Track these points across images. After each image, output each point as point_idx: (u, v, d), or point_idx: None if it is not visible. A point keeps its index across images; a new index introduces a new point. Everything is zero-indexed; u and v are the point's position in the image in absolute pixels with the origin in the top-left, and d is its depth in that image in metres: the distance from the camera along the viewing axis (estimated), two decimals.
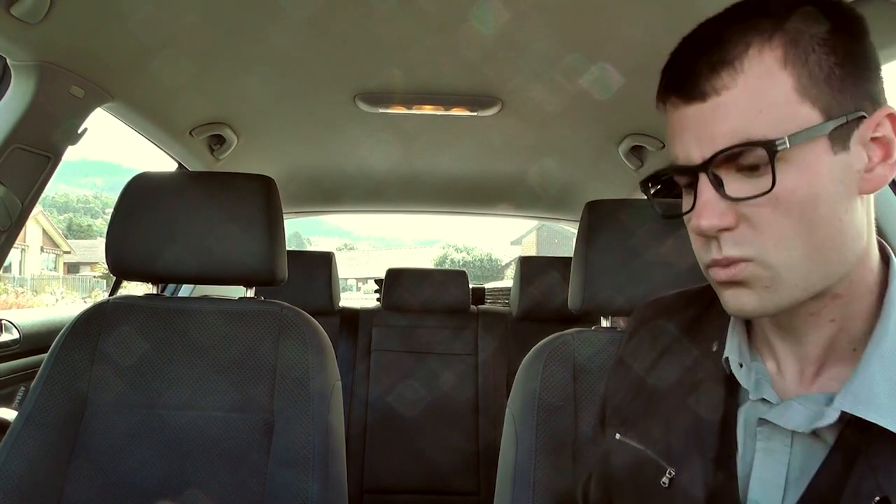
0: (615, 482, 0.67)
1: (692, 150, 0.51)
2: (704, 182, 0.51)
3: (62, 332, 1.10)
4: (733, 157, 0.49)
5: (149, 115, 1.52)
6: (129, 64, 1.26)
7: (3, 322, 1.49)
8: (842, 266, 0.51)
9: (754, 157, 0.49)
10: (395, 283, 2.32)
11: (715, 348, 0.61)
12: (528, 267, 2.23)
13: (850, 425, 0.50)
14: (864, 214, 0.52)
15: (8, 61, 1.13)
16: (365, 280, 31.97)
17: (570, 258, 1.11)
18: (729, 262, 0.51)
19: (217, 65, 1.34)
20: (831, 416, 0.50)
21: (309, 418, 1.05)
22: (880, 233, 1.16)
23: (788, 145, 0.47)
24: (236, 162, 1.88)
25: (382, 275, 2.44)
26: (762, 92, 0.49)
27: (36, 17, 1.01)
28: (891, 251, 0.55)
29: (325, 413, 1.07)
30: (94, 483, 1.02)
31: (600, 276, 1.02)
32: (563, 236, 3.64)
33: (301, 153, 1.97)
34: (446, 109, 1.55)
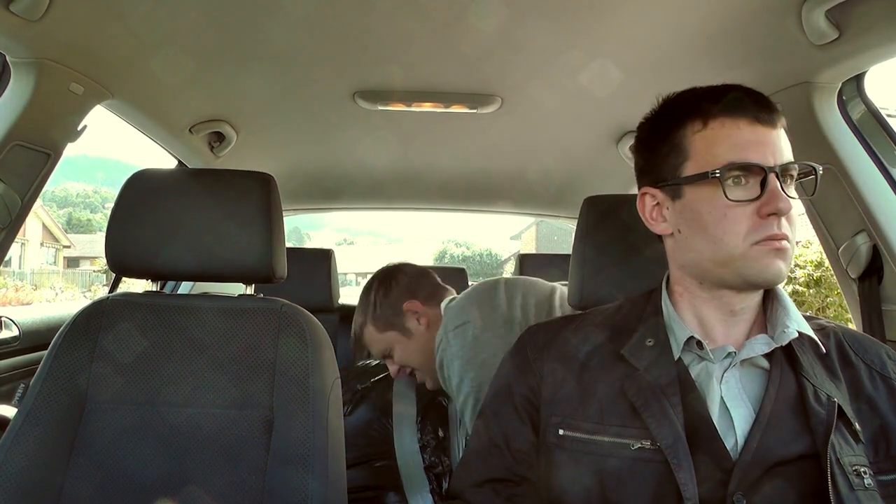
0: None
1: (768, 157, 0.72)
2: (775, 179, 0.72)
3: (62, 329, 1.10)
4: (789, 169, 0.73)
5: (148, 112, 1.51)
6: (128, 61, 1.26)
7: (3, 319, 1.49)
8: None
9: (805, 173, 0.75)
10: None
11: (651, 343, 0.78)
12: (528, 264, 2.23)
13: (776, 353, 0.75)
14: None
15: (7, 58, 1.13)
16: (364, 275, 31.96)
17: (570, 255, 1.11)
18: (782, 238, 0.72)
19: (216, 62, 1.34)
20: (792, 334, 0.74)
21: (308, 415, 1.06)
22: (878, 232, 1.15)
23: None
24: (236, 159, 1.88)
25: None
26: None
27: (35, 14, 1.01)
28: None
29: (325, 410, 1.07)
30: (94, 480, 1.02)
31: (599, 271, 1.02)
32: (563, 232, 3.64)
33: (300, 150, 1.97)
34: (446, 107, 1.54)
